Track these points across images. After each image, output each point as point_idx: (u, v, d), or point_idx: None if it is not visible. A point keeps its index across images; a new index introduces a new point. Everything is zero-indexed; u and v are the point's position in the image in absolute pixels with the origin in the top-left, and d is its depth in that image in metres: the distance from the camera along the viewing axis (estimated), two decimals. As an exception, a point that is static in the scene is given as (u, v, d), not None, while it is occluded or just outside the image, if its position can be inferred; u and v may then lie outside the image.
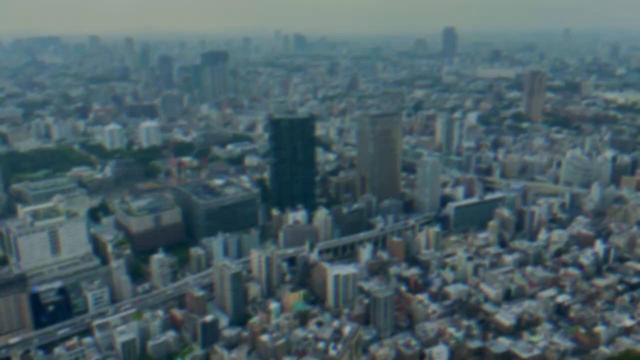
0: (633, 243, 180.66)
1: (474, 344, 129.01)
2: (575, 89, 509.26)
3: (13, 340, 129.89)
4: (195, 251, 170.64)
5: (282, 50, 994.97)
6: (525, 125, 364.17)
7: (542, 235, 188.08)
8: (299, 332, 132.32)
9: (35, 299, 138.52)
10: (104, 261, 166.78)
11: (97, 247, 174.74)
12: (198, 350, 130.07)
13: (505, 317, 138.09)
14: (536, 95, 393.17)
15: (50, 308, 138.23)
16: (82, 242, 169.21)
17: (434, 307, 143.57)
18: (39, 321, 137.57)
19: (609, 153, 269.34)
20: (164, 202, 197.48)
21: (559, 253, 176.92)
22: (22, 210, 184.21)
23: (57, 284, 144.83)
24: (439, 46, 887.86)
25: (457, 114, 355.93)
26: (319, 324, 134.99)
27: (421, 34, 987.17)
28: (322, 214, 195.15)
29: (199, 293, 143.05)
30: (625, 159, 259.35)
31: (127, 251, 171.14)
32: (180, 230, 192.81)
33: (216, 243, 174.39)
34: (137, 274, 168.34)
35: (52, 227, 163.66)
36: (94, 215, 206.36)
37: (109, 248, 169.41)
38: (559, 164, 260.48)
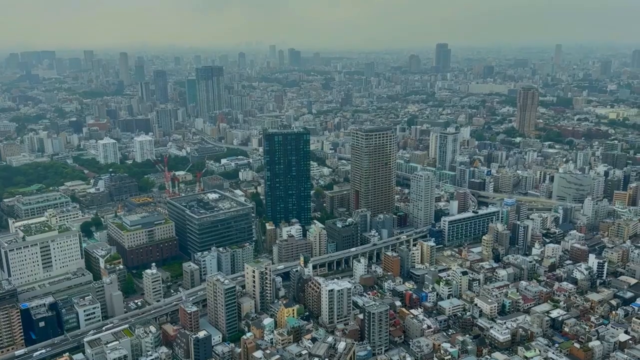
0: (626, 257, 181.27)
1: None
2: (567, 104, 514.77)
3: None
4: (188, 266, 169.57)
5: (277, 66, 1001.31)
6: (518, 140, 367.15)
7: (536, 250, 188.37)
8: (293, 349, 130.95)
9: (25, 315, 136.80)
10: (97, 276, 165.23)
11: (90, 262, 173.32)
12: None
13: (500, 332, 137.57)
14: (529, 110, 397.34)
15: (41, 324, 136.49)
16: (74, 257, 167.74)
17: (428, 322, 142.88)
18: (29, 337, 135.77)
19: (601, 168, 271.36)
20: (157, 217, 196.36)
21: (552, 268, 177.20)
22: (14, 225, 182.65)
23: (48, 300, 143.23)
24: (432, 62, 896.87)
25: (450, 129, 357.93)
26: (313, 340, 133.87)
27: (414, 49, 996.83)
28: (316, 228, 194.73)
29: (192, 309, 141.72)
30: (618, 173, 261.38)
31: (120, 266, 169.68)
32: (173, 245, 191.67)
33: (209, 258, 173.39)
34: (130, 289, 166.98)
35: (44, 242, 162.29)
36: (87, 230, 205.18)
37: (101, 263, 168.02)
38: (551, 179, 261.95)
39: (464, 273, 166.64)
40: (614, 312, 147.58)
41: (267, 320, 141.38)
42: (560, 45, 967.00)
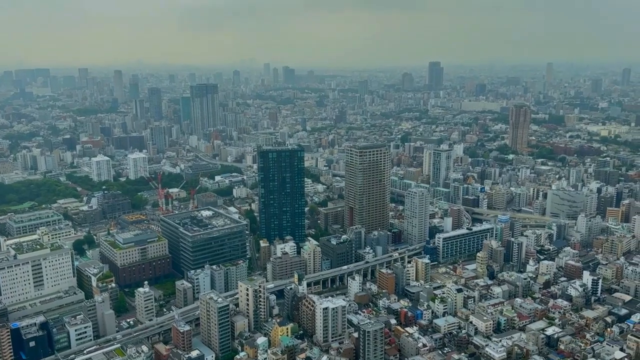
0: (620, 274, 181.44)
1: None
2: (559, 121, 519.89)
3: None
4: (181, 284, 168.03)
5: (271, 83, 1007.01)
6: (510, 157, 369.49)
7: (530, 267, 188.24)
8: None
9: (16, 334, 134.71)
10: (89, 295, 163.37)
11: (82, 281, 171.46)
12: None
13: (496, 350, 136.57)
14: (521, 127, 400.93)
15: (31, 344, 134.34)
16: (66, 275, 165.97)
17: (424, 340, 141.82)
18: (19, 358, 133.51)
19: (594, 185, 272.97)
20: (150, 234, 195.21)
21: (547, 285, 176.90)
22: (5, 243, 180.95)
23: (39, 319, 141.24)
24: (425, 80, 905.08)
25: (444, 146, 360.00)
26: None
27: (407, 67, 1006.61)
28: (310, 245, 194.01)
29: (185, 328, 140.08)
30: (610, 190, 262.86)
31: (112, 285, 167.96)
32: (167, 263, 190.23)
33: (203, 276, 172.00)
34: (123, 308, 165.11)
35: (36, 260, 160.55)
36: (80, 248, 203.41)
37: (94, 282, 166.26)
38: (545, 196, 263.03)
39: (459, 290, 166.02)
40: (609, 329, 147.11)
41: (261, 340, 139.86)
42: (551, 63, 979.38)
